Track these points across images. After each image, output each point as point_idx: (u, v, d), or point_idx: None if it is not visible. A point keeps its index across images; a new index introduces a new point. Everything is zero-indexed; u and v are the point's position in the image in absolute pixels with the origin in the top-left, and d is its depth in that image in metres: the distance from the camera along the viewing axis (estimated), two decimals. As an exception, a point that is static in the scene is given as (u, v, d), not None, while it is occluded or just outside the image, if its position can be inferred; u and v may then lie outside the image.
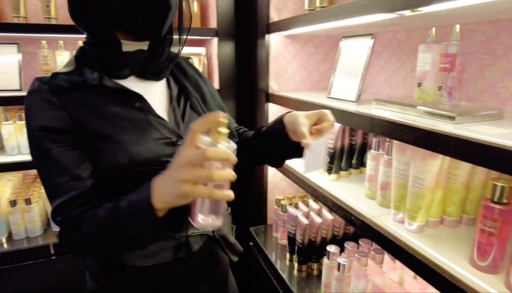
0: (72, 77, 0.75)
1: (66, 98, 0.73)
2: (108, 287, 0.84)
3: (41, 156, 0.71)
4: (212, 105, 0.93)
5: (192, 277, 0.88)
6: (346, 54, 1.25)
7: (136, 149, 0.74)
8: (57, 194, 0.71)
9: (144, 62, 0.80)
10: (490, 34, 1.04)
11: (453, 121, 0.82)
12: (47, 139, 0.71)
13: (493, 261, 0.74)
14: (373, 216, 1.01)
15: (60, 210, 0.71)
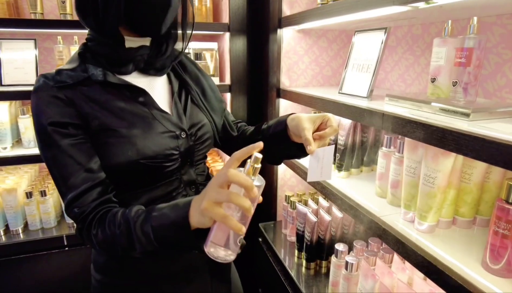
0: (76, 73, 0.76)
1: (72, 94, 0.74)
2: (112, 279, 0.86)
3: (52, 151, 0.72)
4: (212, 100, 0.95)
5: (193, 271, 0.89)
6: (359, 49, 1.22)
7: (144, 142, 0.76)
8: (71, 187, 0.71)
9: (147, 58, 0.82)
10: (511, 27, 0.99)
11: (468, 118, 0.79)
12: (58, 134, 0.71)
13: (507, 264, 0.71)
14: (383, 214, 0.99)
15: (76, 202, 0.71)
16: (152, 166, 0.77)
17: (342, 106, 1.10)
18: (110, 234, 0.69)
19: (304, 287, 1.35)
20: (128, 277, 0.84)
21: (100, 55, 0.78)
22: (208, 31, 1.76)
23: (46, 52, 1.89)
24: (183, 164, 0.84)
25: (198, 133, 0.87)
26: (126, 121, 0.76)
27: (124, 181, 0.79)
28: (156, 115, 0.80)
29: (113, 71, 0.78)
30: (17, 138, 1.79)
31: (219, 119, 0.96)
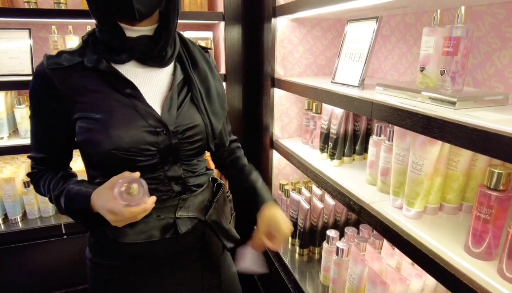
0: (73, 57, 0.79)
1: (63, 76, 0.78)
2: (101, 258, 0.88)
3: (32, 117, 0.84)
4: (216, 103, 0.91)
5: (182, 258, 0.91)
6: (351, 38, 1.23)
7: (118, 133, 0.77)
8: (34, 148, 0.86)
9: (144, 48, 0.81)
10: (501, 16, 1.00)
11: (454, 106, 0.81)
12: (38, 108, 0.81)
13: (487, 248, 0.74)
14: (372, 201, 1.01)
15: (31, 161, 0.88)
16: (125, 158, 0.78)
17: (334, 96, 1.12)
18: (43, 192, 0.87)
19: (298, 273, 1.39)
20: (117, 259, 0.86)
21: (99, 42, 0.80)
22: (203, 20, 1.76)
23: (41, 41, 1.88)
24: (164, 160, 0.83)
25: (187, 133, 0.84)
26: (107, 110, 0.78)
27: (105, 170, 0.82)
28: (138, 109, 0.79)
29: (109, 59, 0.79)
30: (13, 128, 1.81)
31: (218, 124, 0.91)
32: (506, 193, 0.70)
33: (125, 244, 0.83)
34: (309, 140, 1.55)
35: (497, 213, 0.71)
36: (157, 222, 0.85)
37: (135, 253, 0.85)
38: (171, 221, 0.86)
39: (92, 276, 0.92)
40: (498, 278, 0.69)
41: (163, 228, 0.86)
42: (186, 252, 0.91)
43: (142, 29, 0.80)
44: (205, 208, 0.94)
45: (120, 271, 0.87)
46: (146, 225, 0.84)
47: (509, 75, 0.99)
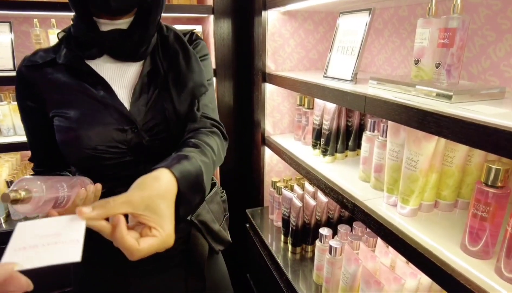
0: (47, 54, 0.79)
1: (37, 74, 0.78)
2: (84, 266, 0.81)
3: (21, 118, 0.84)
4: (188, 84, 0.82)
5: (164, 261, 0.86)
6: (344, 31, 1.19)
7: (86, 131, 0.75)
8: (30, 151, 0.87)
9: (116, 43, 0.77)
10: (496, 8, 0.97)
11: (450, 100, 0.78)
12: (23, 112, 0.82)
13: (485, 246, 0.71)
14: (366, 199, 0.98)
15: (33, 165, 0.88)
16: (94, 156, 0.76)
17: (326, 90, 1.08)
18: None
19: (290, 272, 1.36)
20: (98, 265, 0.84)
21: (72, 38, 0.78)
22: (192, 13, 1.71)
23: (23, 36, 1.81)
24: (138, 158, 0.79)
25: (156, 128, 0.79)
26: (76, 107, 0.76)
27: (81, 167, 0.82)
28: (108, 106, 0.76)
29: (81, 55, 0.77)
30: (-5, 126, 1.74)
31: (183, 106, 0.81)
32: (504, 190, 0.68)
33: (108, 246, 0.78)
34: (301, 137, 1.52)
35: (494, 211, 0.69)
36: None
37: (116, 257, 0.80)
38: None
39: (75, 280, 0.91)
40: (496, 277, 0.66)
41: None
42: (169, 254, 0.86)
43: (118, 22, 0.77)
44: None
45: (101, 278, 0.85)
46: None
47: (504, 69, 0.97)
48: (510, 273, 0.65)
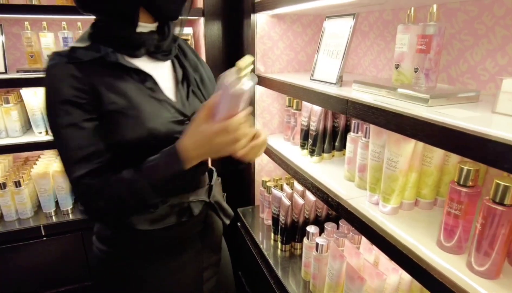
0: (90, 52, 0.78)
1: (87, 71, 0.75)
2: (117, 249, 0.91)
3: (64, 128, 0.74)
4: (209, 88, 0.97)
5: (189, 239, 0.96)
6: (329, 34, 1.23)
7: (153, 124, 0.80)
8: (82, 164, 0.75)
9: (156, 43, 0.85)
10: (473, 14, 1.01)
11: (427, 104, 0.82)
12: (72, 113, 0.74)
13: (458, 242, 0.76)
14: (350, 197, 1.02)
15: (86, 178, 0.75)
16: (158, 146, 0.79)
17: (312, 93, 1.12)
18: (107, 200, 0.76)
19: (280, 269, 1.40)
20: (130, 247, 0.90)
21: (112, 37, 0.80)
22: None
23: (14, 38, 1.82)
24: None
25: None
26: (135, 103, 0.79)
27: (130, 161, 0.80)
28: (161, 101, 0.83)
29: (124, 53, 0.81)
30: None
31: None
32: (474, 189, 0.72)
33: (143, 232, 0.87)
34: (290, 137, 1.56)
35: (466, 208, 0.73)
36: (174, 208, 0.90)
37: (151, 240, 0.89)
38: (185, 205, 0.92)
39: (104, 266, 0.94)
40: (467, 271, 0.71)
41: (179, 212, 0.91)
42: (192, 233, 0.96)
43: (150, 25, 0.84)
44: (207, 191, 0.99)
45: (131, 258, 0.91)
46: (164, 211, 0.88)
47: (481, 72, 1.01)
48: (480, 267, 0.69)
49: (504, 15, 0.93)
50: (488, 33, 0.98)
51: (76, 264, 1.80)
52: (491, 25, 0.96)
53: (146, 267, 0.92)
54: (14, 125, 1.68)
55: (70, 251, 1.77)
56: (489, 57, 0.98)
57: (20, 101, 1.72)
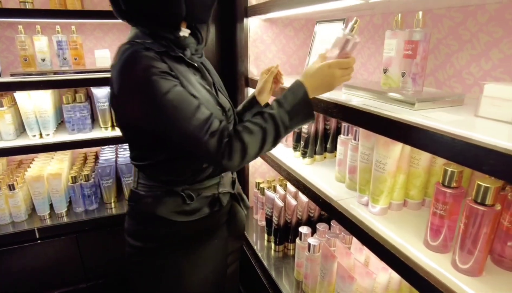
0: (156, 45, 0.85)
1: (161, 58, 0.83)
2: (153, 243, 0.97)
3: (173, 90, 0.80)
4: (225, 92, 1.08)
5: (218, 228, 1.05)
6: (320, 39, 1.26)
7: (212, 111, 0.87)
8: (205, 115, 0.82)
9: (195, 46, 0.96)
10: (458, 20, 1.05)
11: (413, 107, 0.84)
12: (172, 80, 0.81)
13: (443, 241, 0.78)
14: (340, 198, 1.04)
15: (216, 125, 0.83)
16: None
17: (303, 96, 1.14)
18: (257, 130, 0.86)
19: (273, 269, 1.42)
20: (165, 240, 0.97)
21: (165, 39, 0.87)
22: (176, 19, 1.75)
23: (8, 41, 1.83)
24: None
25: (228, 113, 1.00)
26: (200, 92, 0.89)
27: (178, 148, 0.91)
28: (211, 94, 0.95)
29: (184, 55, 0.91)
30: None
31: None
32: (458, 190, 0.75)
33: (180, 223, 0.96)
34: (283, 139, 1.58)
35: (451, 209, 0.76)
36: (206, 199, 0.99)
37: (186, 230, 0.98)
38: (216, 197, 1.01)
39: (140, 262, 1.00)
40: (452, 269, 0.73)
41: (210, 204, 1.00)
42: (219, 222, 1.05)
43: (186, 30, 0.95)
44: (232, 183, 1.09)
45: (166, 250, 0.97)
46: (199, 203, 0.98)
47: (466, 76, 1.04)
48: (464, 265, 0.72)
49: (487, 22, 0.96)
50: (472, 39, 1.01)
51: (71, 266, 1.80)
52: (475, 31, 1.00)
53: (180, 256, 0.98)
54: (7, 128, 1.68)
55: (65, 253, 1.77)
56: (474, 62, 1.01)
57: (14, 105, 1.72)
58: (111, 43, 2.01)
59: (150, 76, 0.78)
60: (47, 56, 1.72)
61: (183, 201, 0.95)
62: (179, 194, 0.95)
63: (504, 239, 0.73)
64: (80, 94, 1.77)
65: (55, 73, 1.67)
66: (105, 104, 1.80)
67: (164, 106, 0.79)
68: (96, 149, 2.15)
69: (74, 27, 1.75)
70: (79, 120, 1.77)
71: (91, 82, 1.69)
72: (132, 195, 1.01)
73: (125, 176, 1.87)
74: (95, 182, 1.84)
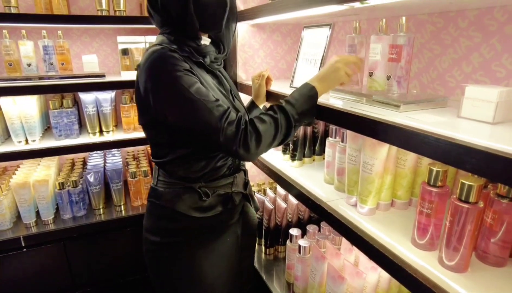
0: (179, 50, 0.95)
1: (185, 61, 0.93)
2: (171, 237, 1.03)
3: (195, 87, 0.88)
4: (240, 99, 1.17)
5: (231, 224, 1.10)
6: (307, 43, 1.28)
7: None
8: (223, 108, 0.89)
9: (215, 55, 1.05)
10: (440, 25, 1.08)
11: (398, 109, 0.87)
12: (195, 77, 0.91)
13: (430, 239, 0.80)
14: (329, 200, 1.06)
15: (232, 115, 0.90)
16: None
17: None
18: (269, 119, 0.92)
19: (264, 272, 1.42)
20: (182, 234, 1.03)
21: (187, 46, 0.96)
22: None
23: (-8, 46, 1.79)
24: None
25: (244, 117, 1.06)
26: (217, 94, 0.98)
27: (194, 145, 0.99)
28: (228, 99, 1.03)
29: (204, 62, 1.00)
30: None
31: None
32: (444, 189, 0.77)
33: (197, 219, 1.02)
34: (272, 143, 1.59)
35: (437, 207, 0.78)
36: (220, 197, 1.06)
37: (201, 226, 1.03)
38: (229, 195, 1.07)
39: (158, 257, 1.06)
40: (439, 266, 0.75)
41: (224, 201, 1.06)
42: (232, 219, 1.10)
43: (207, 39, 1.04)
44: (244, 184, 1.15)
45: (182, 244, 1.03)
46: (213, 201, 1.04)
47: (449, 79, 1.07)
48: (450, 262, 0.74)
49: (467, 27, 1.00)
50: (453, 43, 1.04)
51: (59, 275, 1.77)
52: (456, 36, 1.03)
53: (196, 249, 1.04)
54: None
55: (52, 262, 1.74)
56: (456, 66, 1.05)
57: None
58: (99, 48, 2.00)
59: (176, 72, 0.88)
60: (33, 61, 1.70)
61: (200, 197, 1.02)
62: (196, 190, 1.02)
63: (487, 235, 0.76)
64: (67, 100, 1.75)
65: (41, 78, 1.65)
66: (93, 109, 1.78)
67: (188, 99, 0.87)
68: (84, 155, 2.12)
69: (60, 32, 1.74)
70: (66, 126, 1.75)
71: (79, 88, 1.67)
72: (152, 192, 1.08)
73: (113, 181, 1.85)
74: (83, 188, 1.82)
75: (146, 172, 1.88)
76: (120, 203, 1.91)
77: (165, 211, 1.03)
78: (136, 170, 1.86)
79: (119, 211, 1.88)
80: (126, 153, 2.15)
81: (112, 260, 1.87)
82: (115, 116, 1.96)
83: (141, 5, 1.91)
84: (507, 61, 0.93)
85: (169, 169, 1.03)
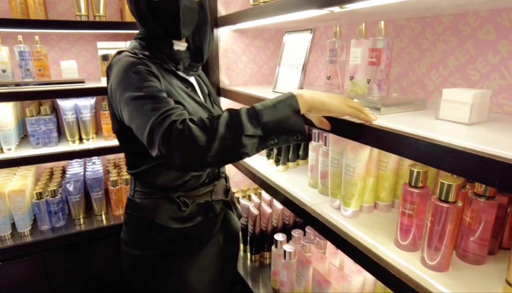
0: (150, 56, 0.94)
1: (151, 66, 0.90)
2: (151, 250, 1.00)
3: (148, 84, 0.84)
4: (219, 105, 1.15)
5: (213, 234, 1.08)
6: (289, 48, 1.29)
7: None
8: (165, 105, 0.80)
9: (190, 62, 1.03)
10: (418, 30, 1.11)
11: (379, 112, 0.88)
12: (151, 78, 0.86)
13: (413, 240, 0.81)
14: (313, 203, 1.06)
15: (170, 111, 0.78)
16: None
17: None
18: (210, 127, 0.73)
19: (250, 279, 1.41)
20: (163, 246, 1.00)
21: (159, 52, 0.95)
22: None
23: (-36, 52, 1.73)
24: None
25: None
26: (185, 100, 0.94)
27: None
28: (202, 105, 0.99)
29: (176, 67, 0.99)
30: None
31: None
32: (424, 189, 0.78)
33: (176, 230, 0.99)
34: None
35: (418, 208, 0.79)
36: (200, 206, 1.03)
37: (182, 236, 1.01)
38: (209, 204, 1.05)
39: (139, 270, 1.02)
40: (421, 266, 0.76)
41: (204, 211, 1.04)
42: (214, 228, 1.08)
43: (182, 44, 1.02)
44: (225, 191, 1.12)
45: (164, 256, 1.00)
46: (194, 209, 1.01)
47: (427, 83, 1.10)
48: (432, 261, 0.74)
49: (443, 32, 1.02)
50: (431, 48, 1.07)
51: (36, 288, 1.70)
52: (433, 40, 1.06)
53: (177, 261, 1.01)
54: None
55: (29, 275, 1.67)
56: (433, 69, 1.07)
57: (-28, 119, 1.63)
58: (78, 54, 1.96)
59: (129, 72, 0.85)
60: (8, 67, 1.65)
61: (179, 207, 0.99)
62: (174, 200, 0.99)
63: (467, 234, 0.77)
64: (45, 107, 1.70)
65: (17, 85, 1.60)
66: (72, 116, 1.74)
67: (135, 98, 0.82)
68: (63, 163, 2.06)
69: (37, 37, 1.69)
70: (44, 134, 1.70)
71: (57, 94, 1.63)
72: (129, 203, 1.04)
73: (94, 190, 1.80)
74: (62, 197, 1.76)
75: (128, 180, 1.84)
76: (101, 212, 1.85)
77: (144, 223, 1.00)
78: (117, 178, 1.81)
79: (100, 221, 1.82)
80: (107, 160, 2.11)
81: (93, 272, 1.82)
82: (95, 123, 1.92)
83: (122, 10, 1.89)
84: (481, 64, 0.95)
85: (145, 179, 1.00)
